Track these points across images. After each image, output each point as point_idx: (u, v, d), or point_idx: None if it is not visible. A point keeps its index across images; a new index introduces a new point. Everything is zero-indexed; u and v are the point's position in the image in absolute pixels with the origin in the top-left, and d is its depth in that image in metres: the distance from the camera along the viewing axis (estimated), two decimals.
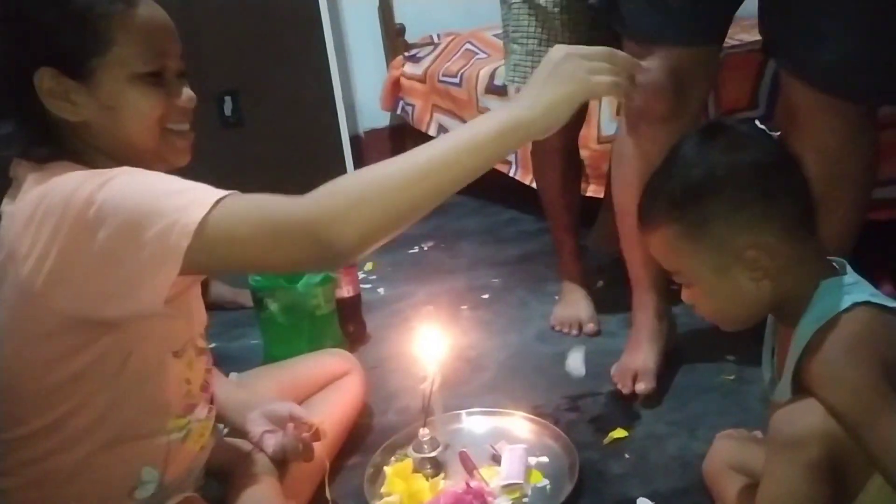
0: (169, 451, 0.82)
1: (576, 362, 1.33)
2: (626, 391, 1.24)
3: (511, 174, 2.19)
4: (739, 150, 0.76)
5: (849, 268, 0.78)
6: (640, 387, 1.23)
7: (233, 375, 1.13)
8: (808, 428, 0.69)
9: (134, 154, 0.79)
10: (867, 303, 0.73)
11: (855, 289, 0.74)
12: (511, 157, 2.20)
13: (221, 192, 0.69)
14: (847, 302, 0.72)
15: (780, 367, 0.80)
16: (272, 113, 2.23)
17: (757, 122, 0.79)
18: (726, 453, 0.96)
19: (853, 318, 0.72)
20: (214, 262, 0.70)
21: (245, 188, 0.74)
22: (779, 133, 0.78)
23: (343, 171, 2.36)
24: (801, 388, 0.75)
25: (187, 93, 0.82)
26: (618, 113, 1.77)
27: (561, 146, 1.52)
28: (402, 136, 2.75)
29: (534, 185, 2.11)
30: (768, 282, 0.76)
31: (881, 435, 0.66)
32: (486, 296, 1.78)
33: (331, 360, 1.21)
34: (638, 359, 1.27)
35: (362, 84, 2.70)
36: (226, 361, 1.54)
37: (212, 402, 0.90)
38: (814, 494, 0.69)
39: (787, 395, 0.77)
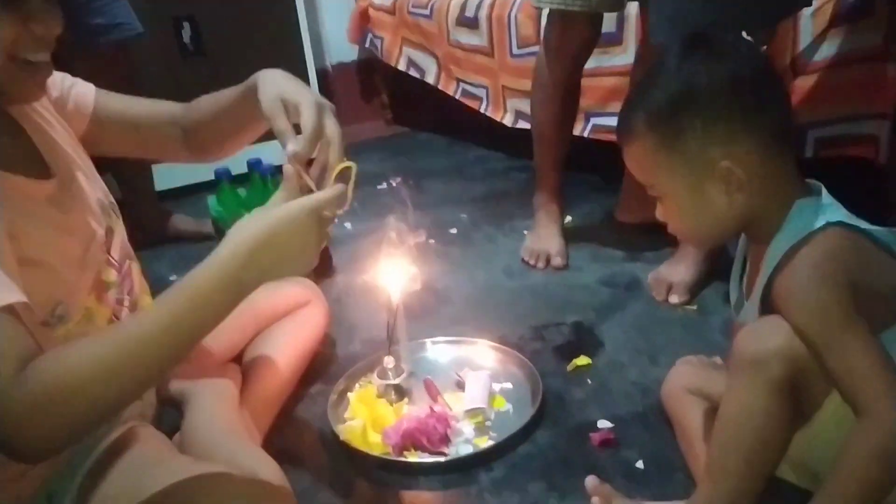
0: None
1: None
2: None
3: (482, 110, 2.16)
4: (719, 62, 0.74)
5: (824, 190, 0.77)
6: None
7: None
8: (771, 347, 0.69)
9: None
10: (841, 223, 0.72)
11: (830, 209, 0.74)
12: (482, 93, 2.15)
13: None
14: (821, 221, 0.72)
15: (750, 288, 0.81)
16: (234, 42, 2.13)
17: (744, 34, 0.77)
18: (685, 377, 0.97)
19: (826, 238, 0.71)
20: None
21: None
22: (765, 48, 0.75)
23: None
24: (769, 309, 0.75)
25: (52, 18, 0.69)
26: None
27: (567, 80, 1.45)
28: (371, 70, 2.67)
29: (504, 121, 2.08)
30: (741, 196, 0.74)
31: (842, 353, 0.67)
32: (453, 231, 1.76)
33: (292, 290, 1.19)
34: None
35: (329, 14, 2.59)
36: None
37: None
38: (773, 411, 0.70)
39: (754, 315, 0.77)
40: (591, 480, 0.87)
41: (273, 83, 0.79)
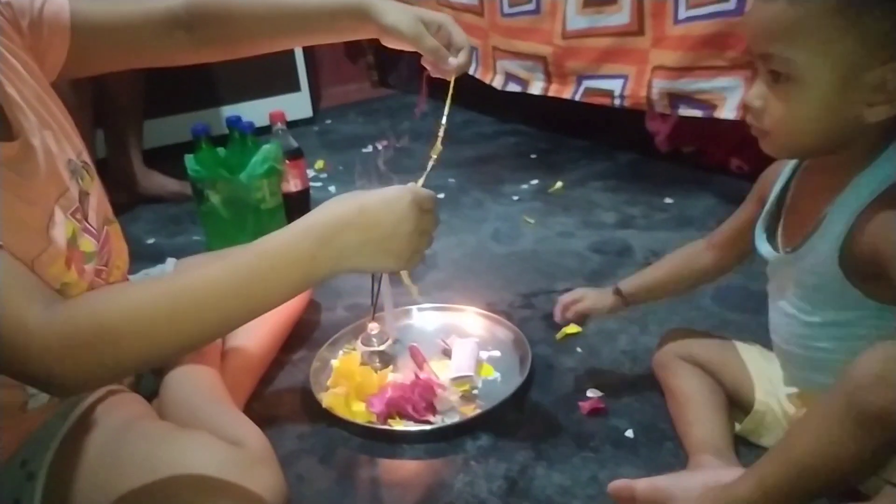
0: None
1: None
2: None
3: (471, 72, 2.09)
4: None
5: None
6: None
7: (170, 261, 1.06)
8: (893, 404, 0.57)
9: None
10: None
11: None
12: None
13: None
14: None
15: (796, 232, 0.74)
16: None
17: None
18: (676, 344, 0.95)
19: None
20: None
21: None
22: None
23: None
24: (849, 248, 0.67)
25: None
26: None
27: None
28: None
29: (493, 84, 2.02)
30: (880, 109, 0.64)
31: None
32: (441, 196, 1.72)
33: None
34: None
35: None
36: (164, 259, 1.47)
37: None
38: (861, 464, 0.62)
39: (817, 262, 0.70)
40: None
41: (398, 8, 0.82)
